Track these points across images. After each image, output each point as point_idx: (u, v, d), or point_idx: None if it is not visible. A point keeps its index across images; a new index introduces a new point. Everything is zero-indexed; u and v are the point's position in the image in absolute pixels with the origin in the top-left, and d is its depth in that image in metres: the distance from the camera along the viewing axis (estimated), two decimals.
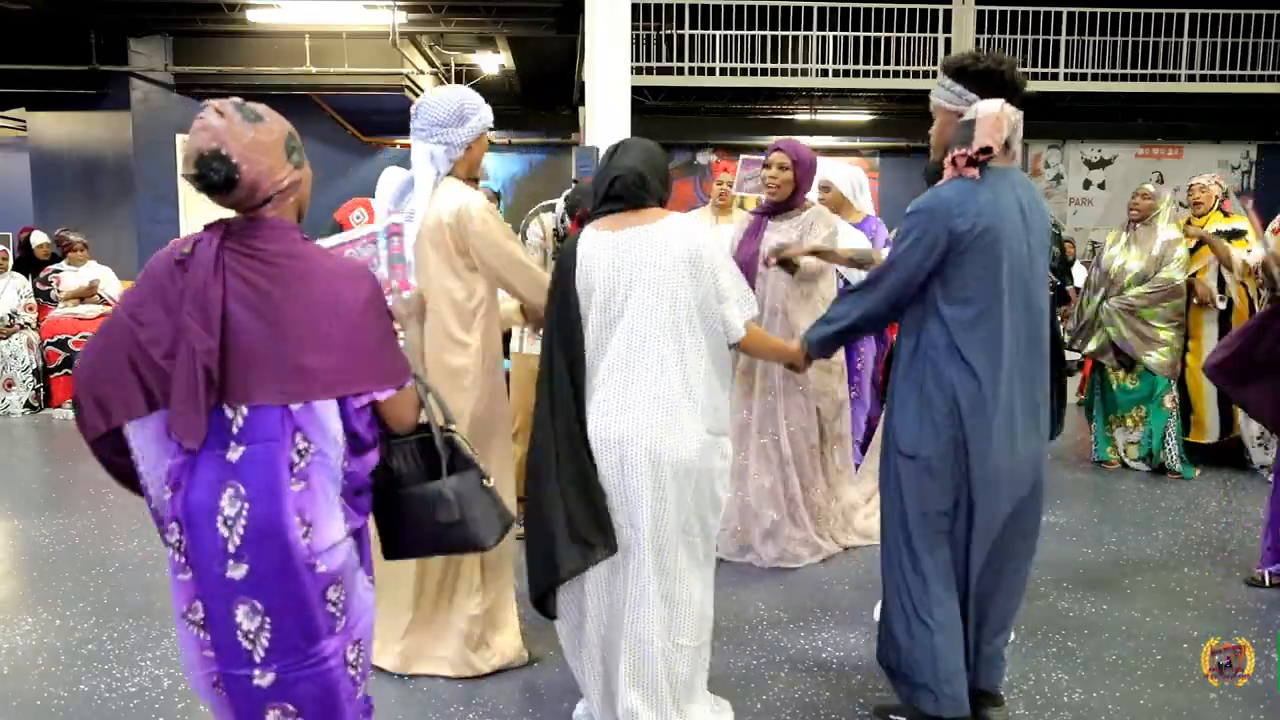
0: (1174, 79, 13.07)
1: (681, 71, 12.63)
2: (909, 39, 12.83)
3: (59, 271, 8.11)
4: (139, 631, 3.41)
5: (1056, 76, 13.07)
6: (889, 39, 12.80)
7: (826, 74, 12.81)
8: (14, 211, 12.43)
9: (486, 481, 2.05)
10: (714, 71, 12.69)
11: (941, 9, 12.62)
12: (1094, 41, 13.06)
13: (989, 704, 2.64)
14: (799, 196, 3.98)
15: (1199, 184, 5.78)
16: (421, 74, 12.37)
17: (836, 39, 12.72)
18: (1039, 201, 2.55)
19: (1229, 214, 5.72)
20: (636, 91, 9.91)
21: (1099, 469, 5.76)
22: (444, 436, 2.01)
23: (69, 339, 7.84)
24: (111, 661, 3.19)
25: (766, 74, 12.78)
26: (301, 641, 1.74)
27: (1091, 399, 5.93)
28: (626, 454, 2.38)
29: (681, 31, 12.51)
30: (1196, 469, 5.59)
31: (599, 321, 2.44)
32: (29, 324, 7.89)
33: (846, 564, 4.12)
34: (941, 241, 2.38)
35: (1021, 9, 12.86)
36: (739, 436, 3.96)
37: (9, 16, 10.62)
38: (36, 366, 7.90)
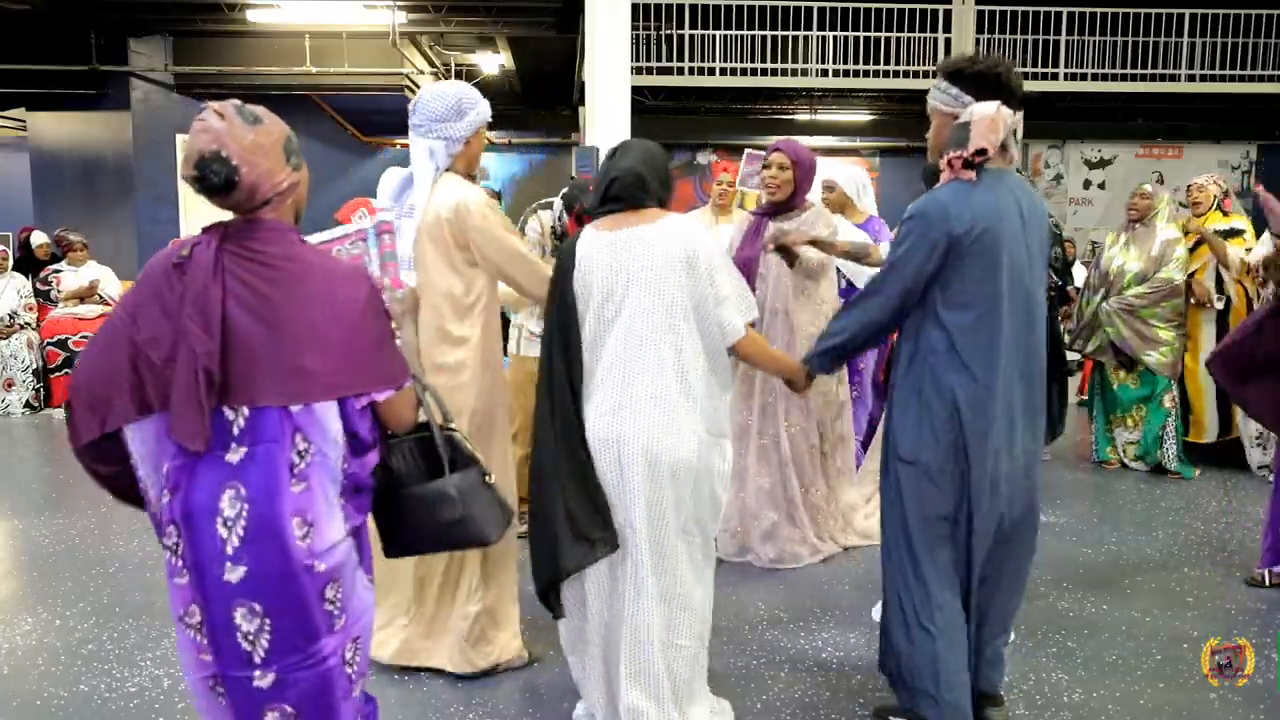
0: (1174, 79, 13.08)
1: (681, 71, 12.63)
2: (909, 39, 12.84)
3: (59, 271, 8.10)
4: (139, 631, 3.42)
5: (1056, 76, 13.08)
6: (889, 39, 12.80)
7: (826, 74, 12.82)
8: (14, 211, 12.43)
9: (488, 478, 2.07)
10: (714, 71, 12.69)
11: (941, 9, 12.63)
12: (1094, 41, 13.06)
13: (989, 704, 2.64)
14: (799, 197, 3.98)
15: (1197, 184, 5.81)
16: (421, 74, 12.37)
17: (836, 39, 12.73)
18: (1037, 203, 2.54)
19: (1228, 213, 5.72)
20: (636, 91, 9.91)
21: (1099, 469, 5.76)
22: (444, 435, 2.02)
23: (69, 339, 7.84)
24: (111, 661, 3.19)
25: (766, 74, 12.79)
26: (301, 641, 1.74)
27: (1093, 398, 5.94)
28: (624, 454, 2.38)
29: (681, 31, 12.51)
30: (1196, 469, 5.59)
31: (597, 322, 2.44)
32: (29, 324, 7.89)
33: (846, 564, 4.12)
34: (941, 245, 2.37)
35: (1021, 9, 12.86)
36: (739, 437, 3.96)
37: (9, 16, 10.62)
38: (36, 366, 7.90)
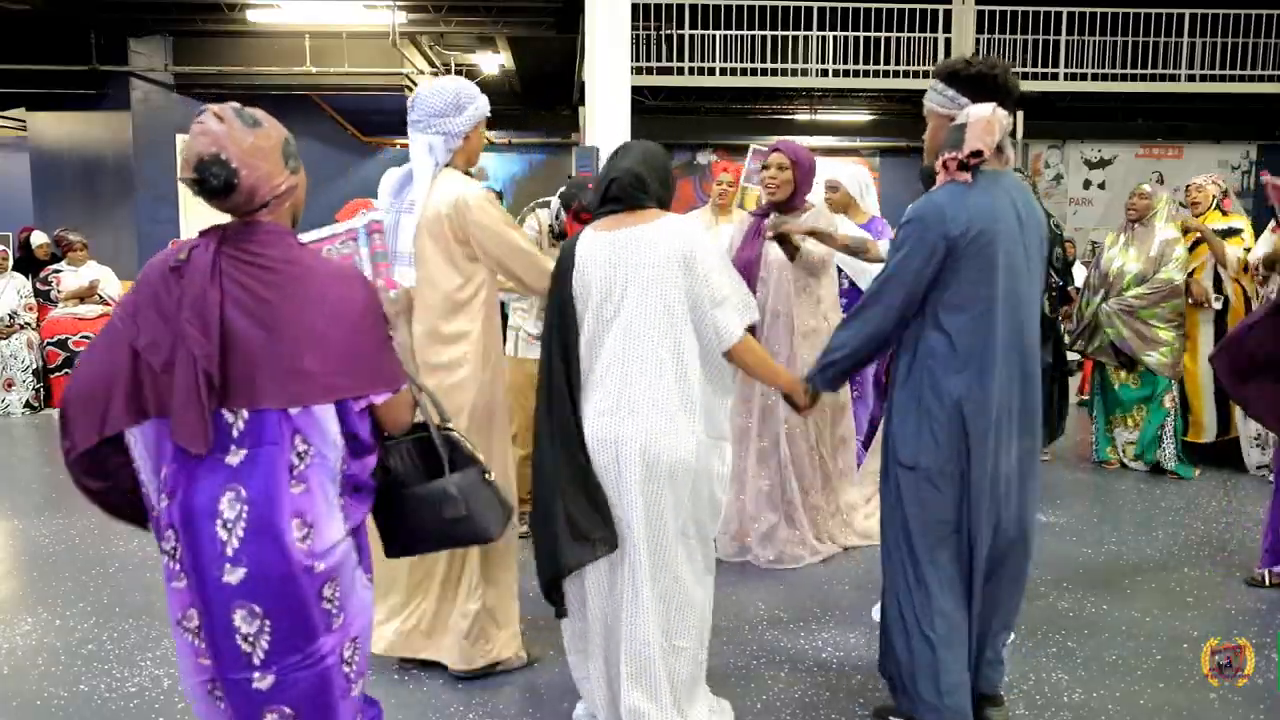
0: (1174, 79, 13.07)
1: (681, 71, 12.63)
2: (909, 39, 12.83)
3: (59, 271, 8.10)
4: (139, 631, 3.42)
5: (1056, 76, 13.07)
6: (889, 39, 12.80)
7: (826, 74, 12.81)
8: (14, 211, 12.43)
9: (488, 475, 2.08)
10: (714, 71, 12.68)
11: (941, 9, 12.62)
12: (1094, 41, 13.06)
13: (989, 704, 2.64)
14: (799, 198, 3.97)
15: (1195, 184, 5.84)
16: (421, 74, 12.37)
17: (836, 39, 12.72)
18: (1034, 204, 2.54)
19: (1227, 213, 5.74)
20: (636, 91, 9.90)
21: (1099, 469, 5.76)
22: (442, 435, 2.02)
23: (69, 339, 7.84)
24: (111, 661, 3.19)
25: (766, 74, 12.78)
26: (300, 641, 1.74)
27: (1094, 398, 5.93)
28: (621, 454, 2.38)
29: (681, 31, 12.50)
30: (1196, 469, 5.59)
31: (596, 322, 2.44)
32: (29, 324, 7.88)
33: (846, 564, 4.12)
34: (940, 247, 2.36)
35: (1021, 9, 12.86)
36: (739, 439, 3.96)
37: (9, 16, 10.62)
38: (36, 366, 7.90)
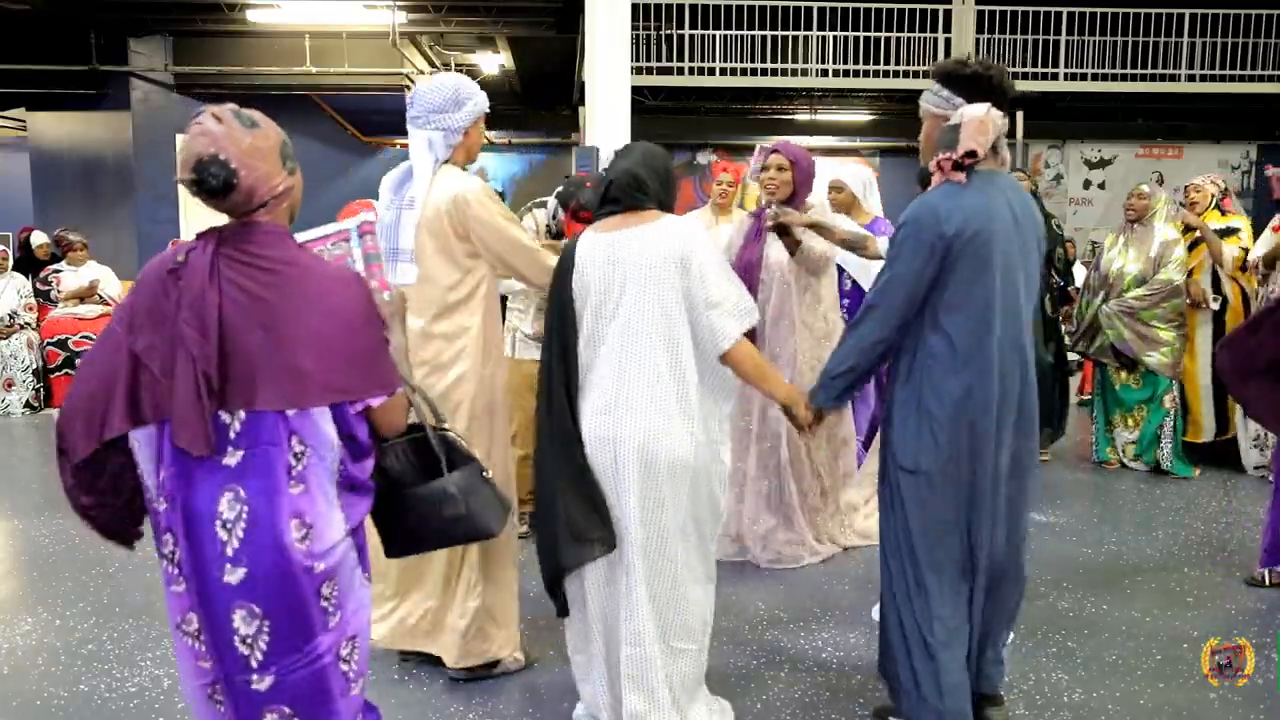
0: (1174, 79, 13.08)
1: (681, 71, 12.63)
2: (909, 39, 12.83)
3: (59, 271, 8.10)
4: (139, 631, 3.42)
5: (1056, 76, 13.08)
6: (889, 39, 12.80)
7: (826, 74, 12.81)
8: (14, 211, 12.44)
9: (485, 473, 2.10)
10: (714, 71, 12.69)
11: (941, 9, 12.62)
12: (1094, 41, 13.06)
13: (989, 704, 2.64)
14: (798, 200, 3.96)
15: (1194, 184, 5.85)
16: (421, 74, 12.37)
17: (836, 39, 12.72)
18: (1029, 204, 2.53)
19: (1226, 212, 5.74)
20: (636, 91, 9.90)
21: (1099, 469, 5.75)
22: (438, 435, 2.02)
23: (69, 339, 7.84)
24: (111, 661, 3.19)
25: (766, 74, 12.78)
26: (298, 641, 1.75)
27: (1095, 398, 5.93)
28: (619, 453, 2.38)
29: (681, 31, 12.51)
30: (1196, 469, 5.58)
31: (594, 321, 2.44)
32: (29, 324, 7.88)
33: (846, 564, 4.12)
34: (938, 247, 2.35)
35: (1021, 9, 12.86)
36: (739, 441, 3.95)
37: (9, 16, 10.63)
38: (36, 366, 7.90)
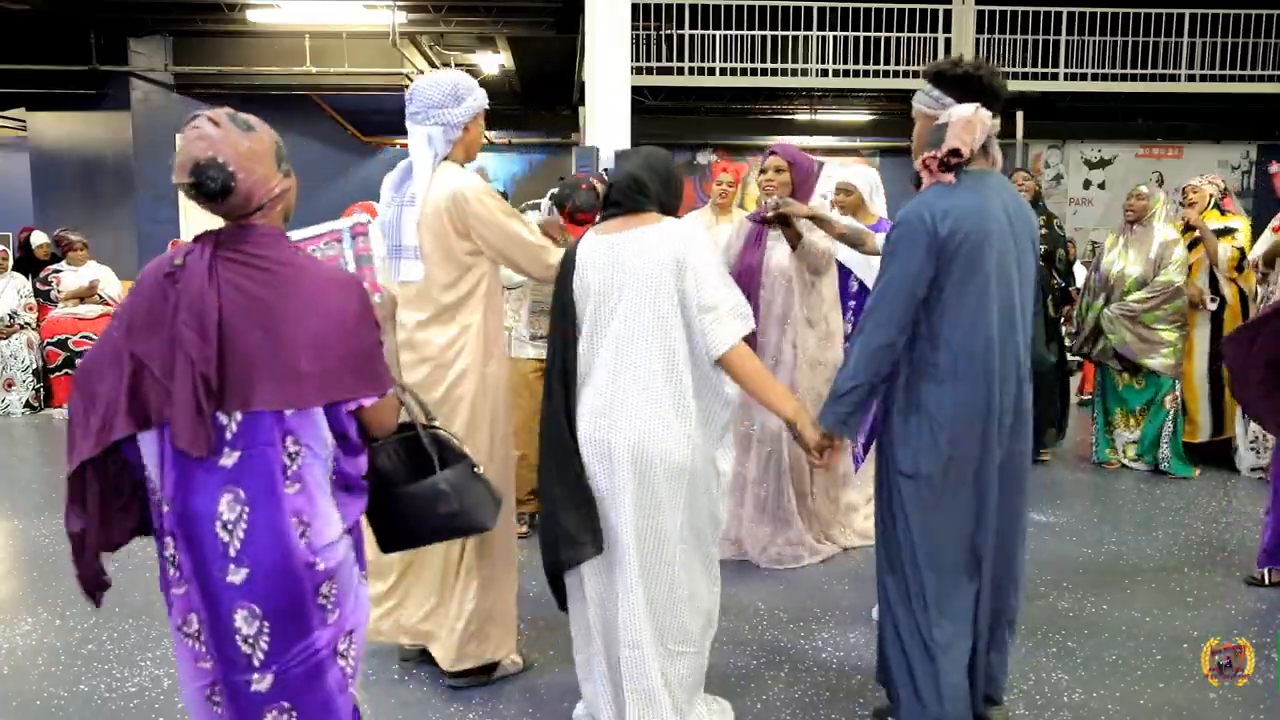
0: (1174, 79, 13.08)
1: (681, 71, 12.63)
2: (909, 39, 12.83)
3: (59, 271, 8.10)
4: (139, 631, 3.42)
5: (1056, 76, 13.07)
6: (889, 39, 12.80)
7: (826, 74, 12.81)
8: (14, 211, 12.44)
9: (477, 469, 2.12)
10: (714, 71, 12.68)
11: (941, 9, 12.62)
12: (1094, 41, 13.06)
13: (989, 704, 2.63)
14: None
15: (1192, 185, 5.86)
16: (421, 74, 12.36)
17: (836, 39, 12.72)
18: (1022, 204, 2.53)
19: (1226, 212, 5.75)
20: (636, 91, 9.91)
21: (1099, 469, 5.75)
22: (429, 434, 2.03)
23: (69, 339, 7.84)
24: (111, 661, 3.19)
25: (766, 74, 12.78)
26: (298, 638, 1.76)
27: (1096, 398, 5.92)
28: (613, 455, 2.38)
29: (681, 31, 12.51)
30: (1196, 469, 5.58)
31: (593, 323, 2.45)
32: (29, 324, 7.88)
33: (846, 564, 4.12)
34: (933, 248, 2.34)
35: (1021, 9, 12.86)
36: (741, 446, 3.94)
37: (9, 16, 10.63)
38: (36, 366, 7.89)
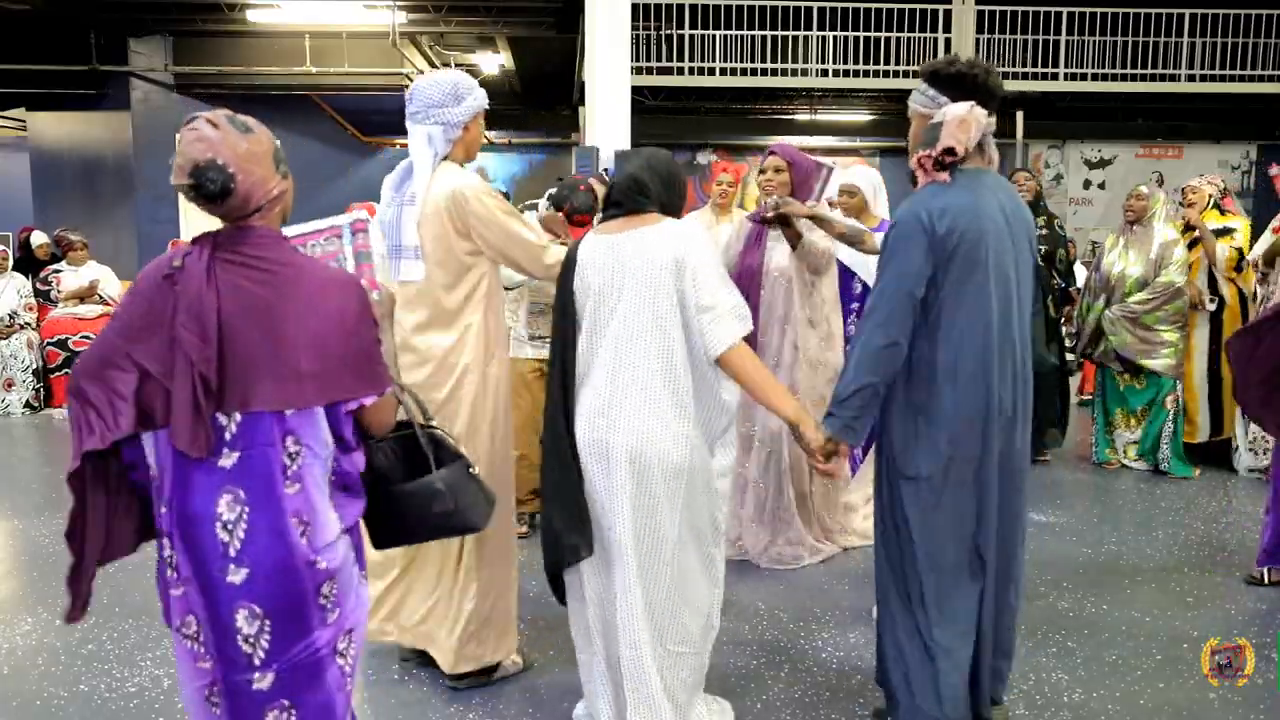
0: (1174, 79, 13.08)
1: (681, 71, 12.63)
2: (909, 39, 12.83)
3: (59, 271, 8.09)
4: (139, 631, 3.42)
5: (1056, 76, 13.08)
6: (889, 39, 12.80)
7: (826, 74, 12.81)
8: (14, 211, 12.45)
9: (472, 469, 2.13)
10: (714, 71, 12.69)
11: (941, 9, 12.62)
12: (1094, 41, 13.06)
13: (990, 704, 2.64)
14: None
15: (1191, 185, 5.86)
16: (421, 74, 12.37)
17: (836, 39, 12.73)
18: (1019, 203, 2.52)
19: (1225, 212, 5.75)
20: (636, 91, 9.91)
21: (1099, 469, 5.75)
22: (426, 434, 2.04)
23: (69, 339, 7.84)
24: (111, 661, 3.19)
25: (766, 74, 12.78)
26: (298, 637, 1.76)
27: (1096, 399, 5.92)
28: (611, 456, 2.37)
29: (681, 31, 12.51)
30: (1196, 469, 5.58)
31: (593, 323, 2.44)
32: (29, 324, 7.88)
33: (846, 564, 4.12)
34: (932, 246, 2.33)
35: (1021, 9, 12.86)
36: (742, 447, 3.94)
37: (9, 16, 10.63)
38: (36, 366, 7.90)
